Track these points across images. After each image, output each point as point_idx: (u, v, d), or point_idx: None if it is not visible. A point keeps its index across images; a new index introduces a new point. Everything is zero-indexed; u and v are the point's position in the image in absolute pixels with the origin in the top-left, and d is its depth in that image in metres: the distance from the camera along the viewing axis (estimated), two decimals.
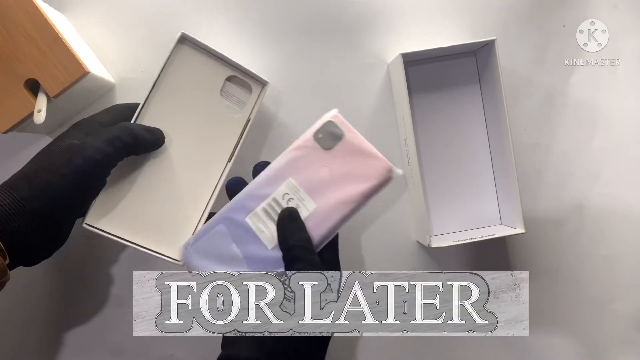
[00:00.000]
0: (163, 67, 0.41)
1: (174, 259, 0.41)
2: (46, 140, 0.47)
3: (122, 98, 0.48)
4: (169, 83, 0.41)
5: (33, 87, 0.41)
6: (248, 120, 0.44)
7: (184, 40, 0.41)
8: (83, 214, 0.39)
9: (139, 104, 0.41)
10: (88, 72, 0.41)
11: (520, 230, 0.45)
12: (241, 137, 0.44)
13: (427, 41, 0.48)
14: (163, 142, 0.41)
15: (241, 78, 0.43)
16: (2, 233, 0.33)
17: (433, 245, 0.44)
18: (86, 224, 0.39)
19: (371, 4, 0.49)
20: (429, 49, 0.45)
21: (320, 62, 0.49)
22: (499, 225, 0.49)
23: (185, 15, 0.48)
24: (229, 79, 0.43)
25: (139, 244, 0.40)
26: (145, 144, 0.39)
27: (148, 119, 0.41)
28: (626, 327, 0.51)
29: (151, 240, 0.41)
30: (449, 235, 0.49)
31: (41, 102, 0.40)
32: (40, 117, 0.40)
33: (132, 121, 0.40)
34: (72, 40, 0.42)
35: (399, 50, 0.48)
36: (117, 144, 0.37)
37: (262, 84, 0.44)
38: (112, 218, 0.40)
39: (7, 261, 0.33)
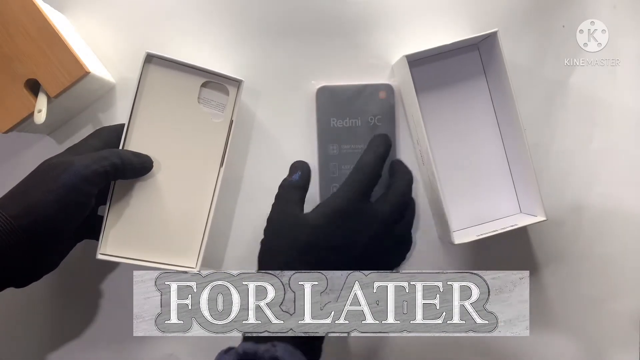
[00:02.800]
0: (137, 90, 0.42)
1: (190, 268, 0.43)
2: (46, 140, 0.48)
3: (122, 98, 0.48)
4: (146, 104, 0.42)
5: (33, 87, 0.41)
6: (231, 122, 0.44)
7: (150, 59, 0.42)
8: (72, 238, 0.40)
9: (124, 124, 0.42)
10: (88, 72, 0.41)
11: (541, 217, 0.45)
12: (228, 140, 0.44)
13: (429, 39, 0.48)
14: (151, 167, 0.42)
15: (215, 82, 0.44)
16: None
17: (456, 242, 0.44)
18: (101, 253, 0.41)
19: (370, 6, 0.49)
20: (432, 47, 0.45)
21: (322, 65, 0.49)
22: (519, 214, 0.49)
23: (186, 15, 0.48)
24: (203, 85, 0.44)
25: (155, 261, 0.42)
26: (133, 167, 0.41)
27: (134, 144, 0.42)
28: (626, 326, 0.51)
29: (165, 255, 0.43)
30: (469, 229, 0.49)
31: (41, 102, 0.40)
32: (40, 117, 0.40)
33: (120, 147, 0.41)
34: (72, 40, 0.42)
35: (401, 51, 0.48)
36: (104, 162, 0.37)
37: (237, 82, 0.44)
38: (123, 243, 0.42)
39: None
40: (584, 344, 0.51)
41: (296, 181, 0.42)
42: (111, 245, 0.42)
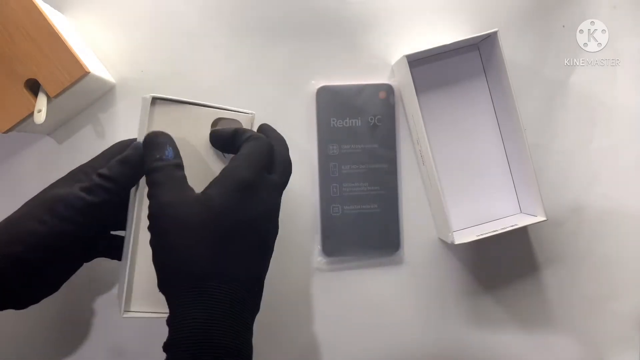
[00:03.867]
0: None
1: None
2: (46, 140, 0.48)
3: (122, 98, 0.48)
4: None
5: (33, 87, 0.41)
6: None
7: (154, 102, 0.36)
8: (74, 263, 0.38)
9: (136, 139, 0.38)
10: (88, 72, 0.41)
11: (541, 217, 0.45)
12: None
13: (429, 39, 0.48)
14: (140, 150, 0.36)
15: (227, 118, 0.39)
16: None
17: (456, 242, 0.44)
18: (125, 311, 0.35)
19: (369, 6, 0.49)
20: (432, 47, 0.45)
21: (322, 65, 0.49)
22: (519, 214, 0.49)
23: (186, 15, 0.48)
24: (214, 124, 0.38)
25: None
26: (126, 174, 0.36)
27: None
28: (626, 326, 0.51)
29: None
30: (470, 229, 0.49)
31: (41, 102, 0.40)
32: (40, 117, 0.40)
33: None
34: (72, 40, 0.42)
35: (401, 51, 0.48)
36: (100, 192, 0.34)
37: (250, 115, 0.40)
38: (150, 296, 0.35)
39: None
40: (584, 344, 0.51)
41: (173, 159, 0.34)
42: (137, 301, 0.35)
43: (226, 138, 0.37)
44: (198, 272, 0.30)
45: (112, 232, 0.41)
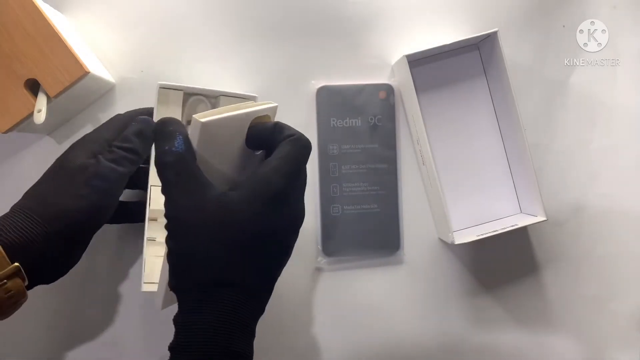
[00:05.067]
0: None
1: None
2: (46, 140, 0.48)
3: (122, 98, 0.48)
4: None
5: (33, 87, 0.41)
6: None
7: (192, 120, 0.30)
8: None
9: (138, 110, 0.41)
10: (88, 72, 0.41)
11: (541, 217, 0.45)
12: None
13: (429, 39, 0.49)
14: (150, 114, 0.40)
15: (260, 116, 0.34)
16: (24, 257, 0.33)
17: (456, 242, 0.44)
18: (145, 282, 0.40)
19: (370, 6, 0.49)
20: (432, 47, 0.45)
21: (322, 65, 0.49)
22: (519, 214, 0.49)
23: (186, 15, 0.48)
24: (250, 127, 0.33)
25: None
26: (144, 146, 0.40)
27: None
28: (626, 326, 0.51)
29: None
30: (470, 229, 0.49)
31: (41, 102, 0.40)
32: (40, 117, 0.40)
33: None
34: (72, 40, 0.42)
35: (401, 51, 0.48)
36: (125, 163, 0.38)
37: (274, 106, 0.36)
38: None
39: (26, 283, 0.33)
40: (584, 344, 0.51)
41: (184, 149, 0.30)
42: (153, 275, 0.40)
43: (266, 134, 0.33)
44: (209, 279, 0.29)
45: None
